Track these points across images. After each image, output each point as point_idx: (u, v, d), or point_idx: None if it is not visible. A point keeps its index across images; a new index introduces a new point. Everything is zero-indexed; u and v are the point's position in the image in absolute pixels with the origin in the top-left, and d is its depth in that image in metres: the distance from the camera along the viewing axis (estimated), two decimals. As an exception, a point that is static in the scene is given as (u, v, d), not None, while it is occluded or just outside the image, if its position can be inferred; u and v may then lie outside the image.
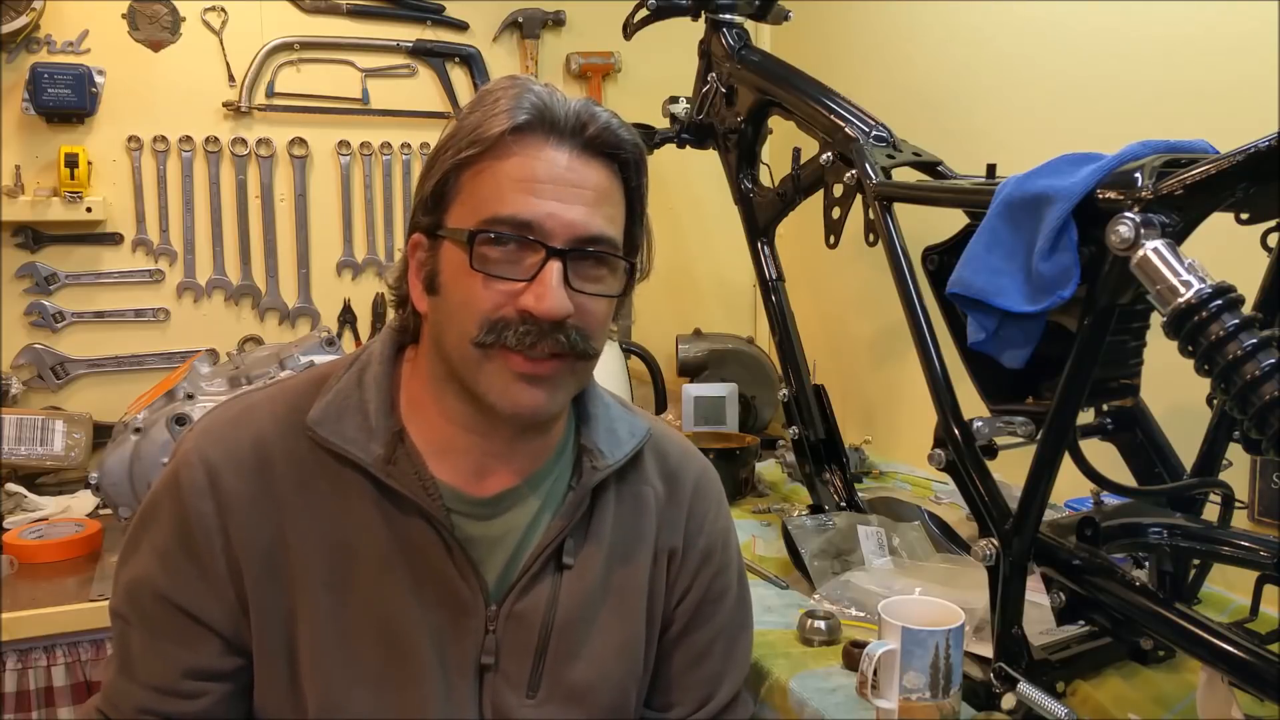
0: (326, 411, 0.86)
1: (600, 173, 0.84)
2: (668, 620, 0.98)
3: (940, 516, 1.56)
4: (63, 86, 1.91)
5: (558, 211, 0.80)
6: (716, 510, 1.02)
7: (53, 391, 2.04)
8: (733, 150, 1.74)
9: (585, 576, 0.91)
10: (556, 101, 0.83)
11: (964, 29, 1.85)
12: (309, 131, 2.20)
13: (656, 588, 0.96)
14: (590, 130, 0.83)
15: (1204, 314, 0.79)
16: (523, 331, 0.80)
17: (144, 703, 0.85)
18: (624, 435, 0.95)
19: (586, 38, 2.39)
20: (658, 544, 0.96)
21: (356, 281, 2.28)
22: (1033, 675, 0.99)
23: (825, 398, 1.65)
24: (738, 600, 1.03)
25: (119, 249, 2.08)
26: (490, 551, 0.88)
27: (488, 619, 0.87)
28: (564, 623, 0.89)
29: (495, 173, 0.81)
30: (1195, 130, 1.01)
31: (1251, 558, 0.99)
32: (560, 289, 0.80)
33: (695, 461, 1.03)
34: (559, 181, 0.81)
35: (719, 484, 1.05)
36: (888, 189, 1.30)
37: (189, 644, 0.85)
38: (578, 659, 0.90)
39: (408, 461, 0.85)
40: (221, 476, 0.84)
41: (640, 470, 0.97)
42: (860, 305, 2.19)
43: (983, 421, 1.07)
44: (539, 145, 0.82)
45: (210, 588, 0.84)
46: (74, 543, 1.64)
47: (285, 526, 0.84)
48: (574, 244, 0.81)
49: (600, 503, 0.93)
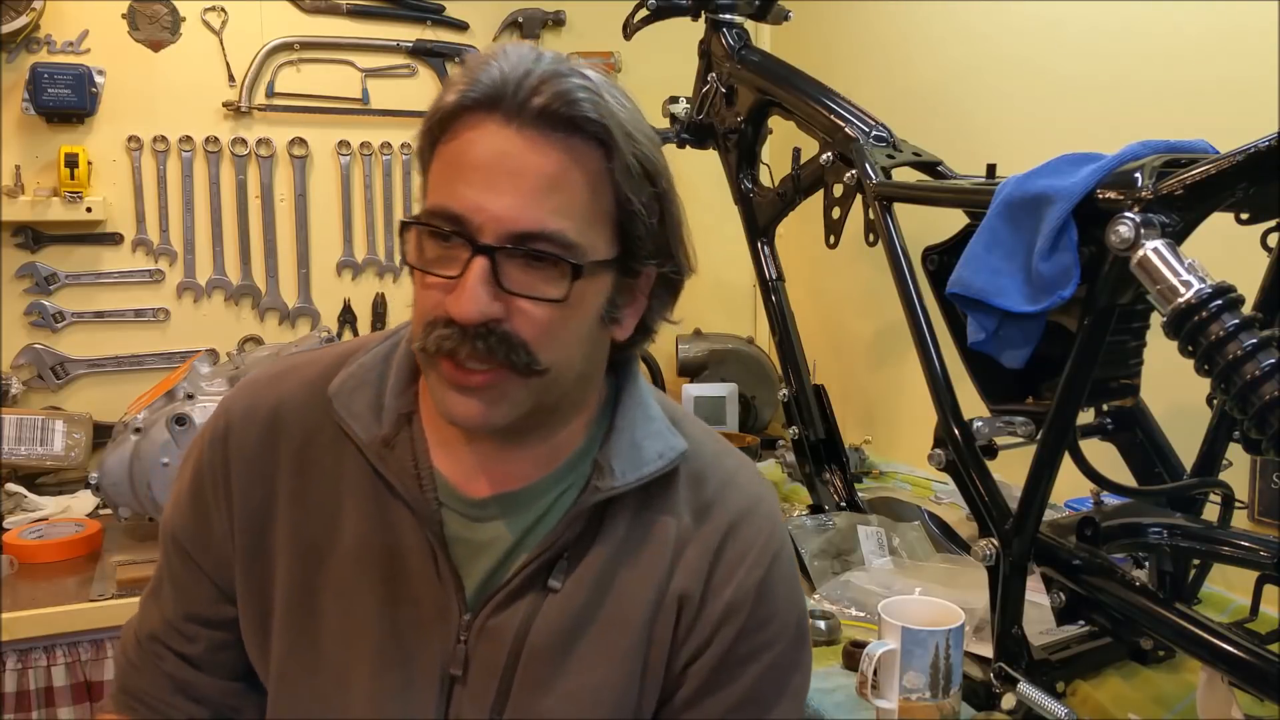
0: (345, 383, 0.83)
1: (552, 154, 0.71)
2: (676, 680, 0.82)
3: (940, 516, 1.56)
4: (63, 86, 1.91)
5: (487, 203, 0.70)
6: (757, 559, 0.83)
7: (53, 391, 2.04)
8: (733, 150, 1.74)
9: (570, 606, 0.80)
10: (514, 68, 0.71)
11: (964, 29, 1.85)
12: (309, 131, 2.20)
13: (660, 636, 0.81)
14: (538, 101, 0.70)
15: (1204, 314, 0.79)
16: (442, 335, 0.71)
17: (155, 630, 0.88)
18: (650, 455, 0.82)
19: (586, 38, 2.39)
20: (669, 585, 0.81)
21: (356, 281, 2.28)
22: (1033, 675, 0.99)
23: (825, 398, 1.65)
24: (777, 664, 0.83)
25: (119, 249, 2.08)
26: (476, 556, 0.81)
27: (460, 628, 0.80)
28: (537, 649, 0.79)
29: (442, 157, 0.73)
30: (1195, 130, 1.01)
31: (1251, 558, 0.99)
32: (479, 290, 0.70)
33: (740, 496, 0.85)
34: (493, 168, 0.70)
35: (772, 531, 0.85)
36: (888, 189, 1.30)
37: (188, 586, 0.87)
38: (548, 692, 0.79)
39: (408, 447, 0.81)
40: (234, 431, 0.84)
41: (669, 498, 0.83)
42: (860, 305, 2.19)
43: (983, 421, 1.07)
44: (480, 123, 0.71)
45: (209, 535, 0.85)
46: (74, 543, 1.64)
47: (278, 490, 0.83)
48: (505, 240, 0.70)
49: (608, 528, 0.81)
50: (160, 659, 0.88)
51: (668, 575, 0.81)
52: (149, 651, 0.89)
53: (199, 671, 0.88)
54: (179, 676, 0.88)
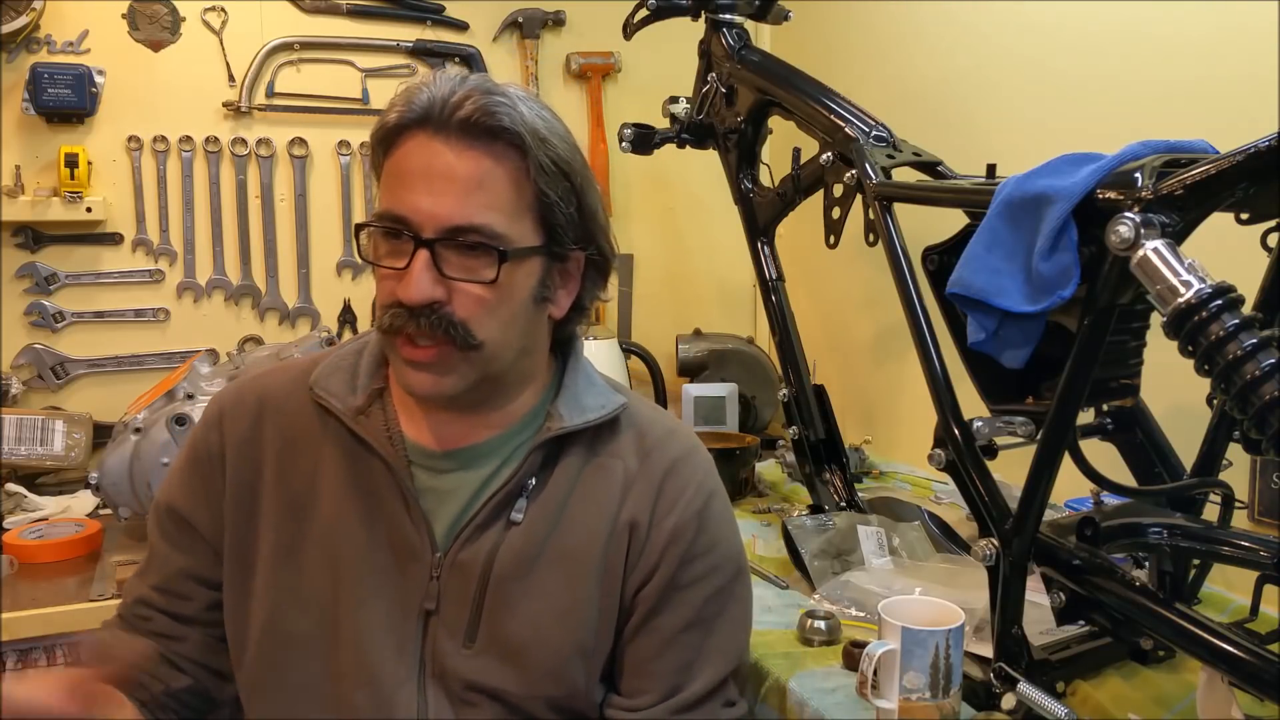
0: (323, 371, 0.97)
1: (476, 159, 0.85)
2: (631, 602, 0.95)
3: (940, 516, 1.56)
4: (63, 86, 1.91)
5: (424, 204, 0.84)
6: (695, 492, 0.97)
7: (53, 391, 2.04)
8: (733, 150, 1.74)
9: (531, 535, 0.92)
10: (439, 89, 0.86)
11: (964, 29, 1.85)
12: (309, 131, 2.20)
13: (614, 562, 0.94)
14: (461, 113, 0.84)
15: (1204, 314, 0.79)
16: (394, 314, 0.86)
17: (143, 595, 0.98)
18: (591, 405, 0.97)
19: (586, 38, 2.39)
20: (619, 517, 0.94)
21: (356, 281, 2.28)
22: (1033, 675, 0.99)
23: (825, 398, 1.65)
24: (720, 590, 0.97)
25: (119, 249, 2.08)
26: (442, 502, 0.94)
27: (433, 565, 0.92)
28: (503, 576, 0.91)
29: (386, 169, 0.89)
30: (1195, 130, 1.01)
31: (1251, 558, 0.99)
32: (422, 276, 0.84)
33: (679, 443, 1.00)
34: (428, 174, 0.85)
35: (707, 471, 1.00)
36: (888, 189, 1.30)
37: (186, 549, 0.98)
38: (514, 615, 0.91)
39: (380, 415, 0.95)
40: (226, 418, 0.98)
41: (614, 444, 0.97)
42: (860, 305, 2.19)
43: (983, 421, 1.07)
44: (414, 137, 0.86)
45: (207, 502, 0.97)
46: (74, 543, 1.64)
47: (264, 464, 0.96)
48: (442, 234, 0.84)
49: (562, 467, 0.95)
50: (148, 620, 0.97)
51: (618, 507, 0.95)
52: (135, 617, 0.97)
53: (189, 627, 0.97)
54: (168, 634, 0.96)
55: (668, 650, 0.95)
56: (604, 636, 0.95)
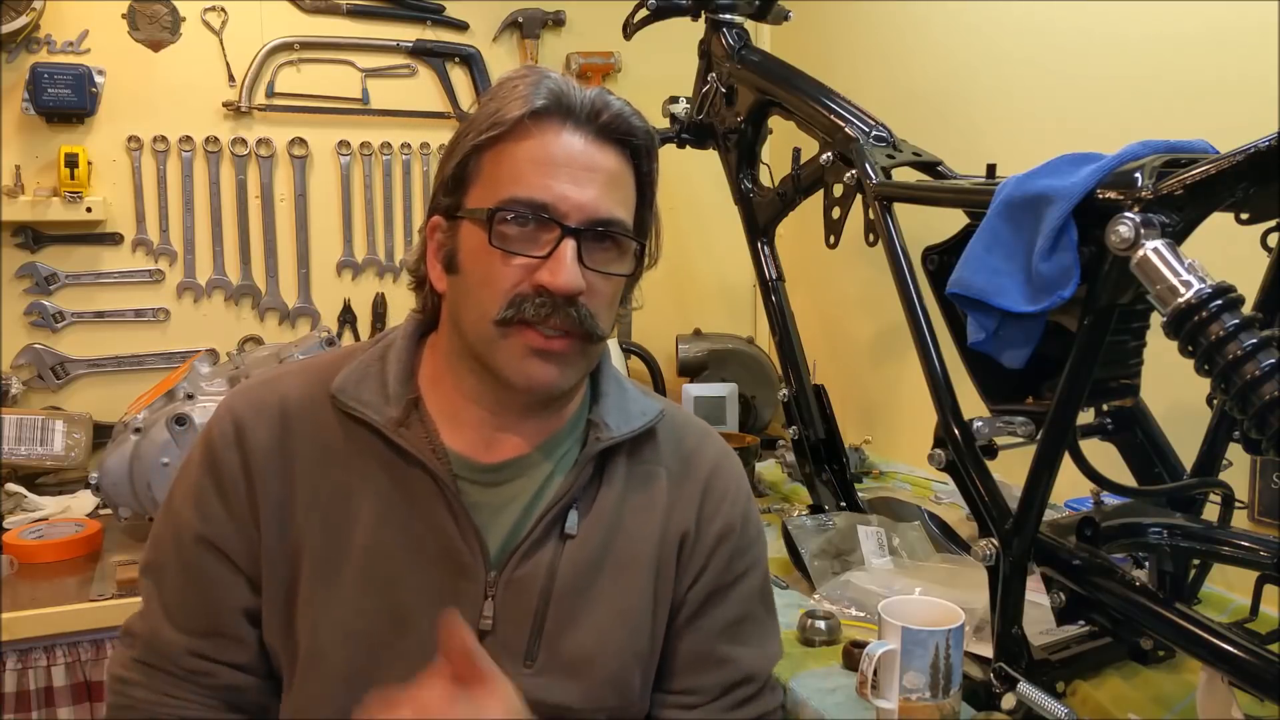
0: (348, 379, 0.91)
1: (613, 158, 0.87)
2: (679, 602, 0.95)
3: (940, 516, 1.56)
4: (63, 86, 1.91)
5: (572, 193, 0.84)
6: (736, 492, 0.99)
7: (53, 391, 2.04)
8: (733, 150, 1.74)
9: (587, 547, 0.91)
10: (572, 89, 0.87)
11: (964, 29, 1.85)
12: (309, 131, 2.20)
13: (665, 566, 0.94)
14: (604, 117, 0.87)
15: (1204, 314, 0.79)
16: (539, 303, 0.83)
17: (195, 648, 0.89)
18: (634, 413, 0.96)
19: (586, 38, 2.39)
20: (669, 522, 0.94)
21: (356, 281, 2.28)
22: (1033, 675, 0.99)
23: (825, 398, 1.65)
24: (761, 584, 0.99)
25: (119, 249, 2.09)
26: (494, 517, 0.90)
27: (487, 584, 0.88)
28: (563, 592, 0.89)
29: (514, 155, 0.85)
30: (1195, 130, 1.01)
31: (1251, 558, 1.00)
32: (574, 265, 0.83)
33: (714, 445, 1.01)
34: (574, 165, 0.85)
35: (740, 470, 1.02)
36: (888, 189, 1.30)
37: (229, 584, 0.90)
38: (577, 628, 0.89)
39: (420, 426, 0.89)
40: (246, 430, 0.90)
41: (654, 450, 0.97)
42: (860, 305, 2.19)
43: (983, 421, 1.07)
44: (555, 129, 0.85)
45: (237, 528, 0.89)
46: (74, 543, 1.64)
47: (297, 478, 0.89)
48: (587, 224, 0.84)
49: (608, 477, 0.93)
50: (211, 675, 0.89)
51: (666, 515, 0.94)
52: (194, 674, 0.89)
53: (249, 676, 0.90)
54: (234, 686, 0.90)
55: (718, 646, 0.95)
56: (657, 642, 0.94)
